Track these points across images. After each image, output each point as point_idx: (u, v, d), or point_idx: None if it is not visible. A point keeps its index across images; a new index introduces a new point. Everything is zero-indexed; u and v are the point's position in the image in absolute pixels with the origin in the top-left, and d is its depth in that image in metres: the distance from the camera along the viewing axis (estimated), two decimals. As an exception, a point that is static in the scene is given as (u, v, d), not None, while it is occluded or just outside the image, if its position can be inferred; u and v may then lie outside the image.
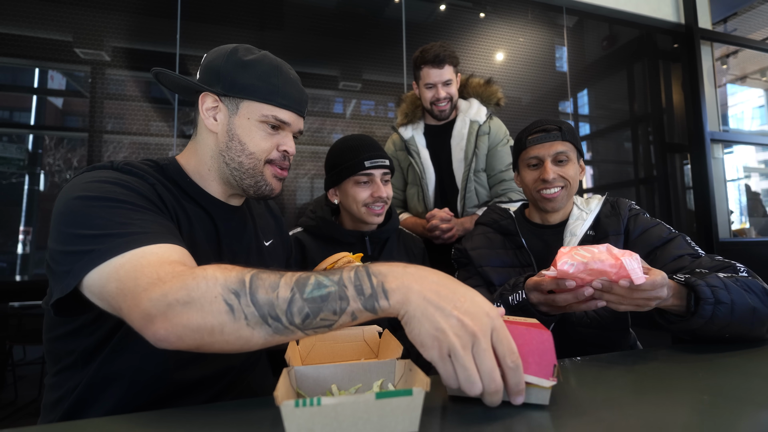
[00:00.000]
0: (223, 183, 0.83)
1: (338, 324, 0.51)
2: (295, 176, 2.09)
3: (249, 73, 0.78)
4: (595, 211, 1.11)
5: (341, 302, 0.49)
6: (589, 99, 2.91)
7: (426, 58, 1.61)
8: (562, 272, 0.72)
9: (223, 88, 0.78)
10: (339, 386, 0.57)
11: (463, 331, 0.46)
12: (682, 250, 0.95)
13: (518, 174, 1.18)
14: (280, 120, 0.80)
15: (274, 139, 0.82)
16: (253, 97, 0.78)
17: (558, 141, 1.08)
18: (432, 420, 0.49)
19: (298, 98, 0.83)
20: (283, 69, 0.82)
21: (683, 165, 3.08)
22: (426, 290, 0.48)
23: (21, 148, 1.76)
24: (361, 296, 0.49)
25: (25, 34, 1.73)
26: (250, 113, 0.79)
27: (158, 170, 0.78)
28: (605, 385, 0.62)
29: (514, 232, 1.14)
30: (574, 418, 0.49)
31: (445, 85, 1.64)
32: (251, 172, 0.81)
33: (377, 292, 0.49)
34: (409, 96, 1.82)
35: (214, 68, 0.79)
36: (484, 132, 1.69)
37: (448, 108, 1.67)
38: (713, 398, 0.55)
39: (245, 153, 0.79)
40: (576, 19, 2.84)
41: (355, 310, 0.50)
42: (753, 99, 3.99)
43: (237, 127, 0.79)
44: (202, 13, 1.99)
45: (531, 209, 1.20)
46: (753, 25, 3.69)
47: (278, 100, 0.80)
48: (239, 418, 0.52)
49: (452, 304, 0.48)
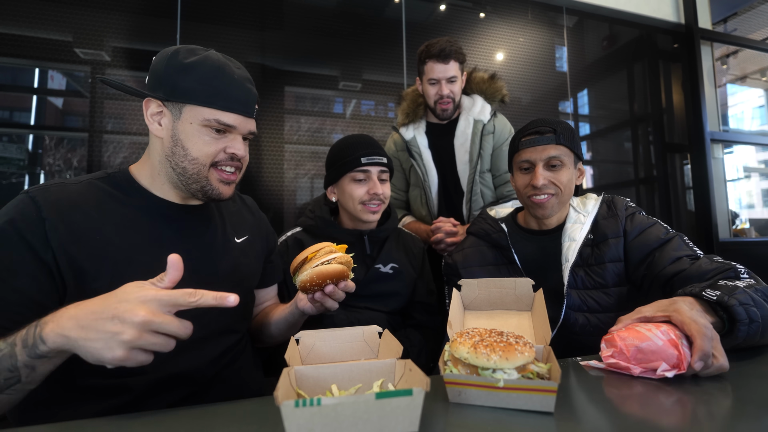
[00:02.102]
0: (174, 187, 0.82)
1: (26, 379, 0.57)
2: (295, 176, 2.09)
3: (190, 76, 0.76)
4: (592, 213, 1.06)
5: (11, 359, 0.56)
6: (589, 99, 2.91)
7: (431, 52, 1.55)
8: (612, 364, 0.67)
9: (164, 93, 0.76)
10: (339, 386, 0.57)
11: (126, 322, 0.52)
12: (680, 252, 0.93)
13: (512, 176, 1.14)
14: (224, 123, 0.78)
15: (219, 143, 0.79)
16: (195, 101, 0.76)
17: (551, 145, 1.02)
18: (432, 420, 0.49)
19: (243, 99, 0.80)
20: (226, 70, 0.78)
21: (683, 165, 3.08)
22: (80, 316, 0.55)
23: (21, 148, 1.76)
24: (26, 348, 0.56)
25: (25, 34, 1.73)
26: (192, 118, 0.77)
27: (104, 181, 0.79)
28: (607, 386, 0.62)
29: (506, 246, 1.10)
30: (576, 425, 0.49)
31: (449, 81, 1.57)
32: (196, 177, 0.79)
33: (36, 341, 0.56)
34: (410, 93, 1.74)
35: (156, 72, 0.77)
36: (489, 131, 1.63)
37: (450, 107, 1.61)
38: (713, 399, 0.55)
39: (188, 158, 0.78)
40: (576, 19, 2.84)
41: (25, 362, 0.56)
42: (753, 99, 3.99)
43: (180, 132, 0.77)
44: (202, 13, 1.99)
45: (526, 213, 1.15)
46: (753, 25, 3.69)
47: (221, 102, 0.77)
48: (239, 417, 0.52)
49: (108, 311, 0.53)
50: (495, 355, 0.53)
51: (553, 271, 1.04)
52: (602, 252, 1.01)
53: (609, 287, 1.00)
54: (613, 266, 1.00)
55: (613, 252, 1.00)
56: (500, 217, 1.18)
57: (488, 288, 0.82)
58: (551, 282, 1.03)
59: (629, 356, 0.64)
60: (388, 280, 1.24)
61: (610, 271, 1.00)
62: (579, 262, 1.02)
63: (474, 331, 0.60)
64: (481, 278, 0.84)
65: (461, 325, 0.78)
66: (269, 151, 2.06)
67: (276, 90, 2.11)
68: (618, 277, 1.00)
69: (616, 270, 1.00)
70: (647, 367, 0.63)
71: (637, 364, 0.63)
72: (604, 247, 1.02)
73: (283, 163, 2.08)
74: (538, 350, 0.62)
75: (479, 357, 0.53)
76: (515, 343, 0.55)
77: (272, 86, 2.10)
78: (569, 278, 1.00)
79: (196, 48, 0.80)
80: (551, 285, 1.01)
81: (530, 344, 0.56)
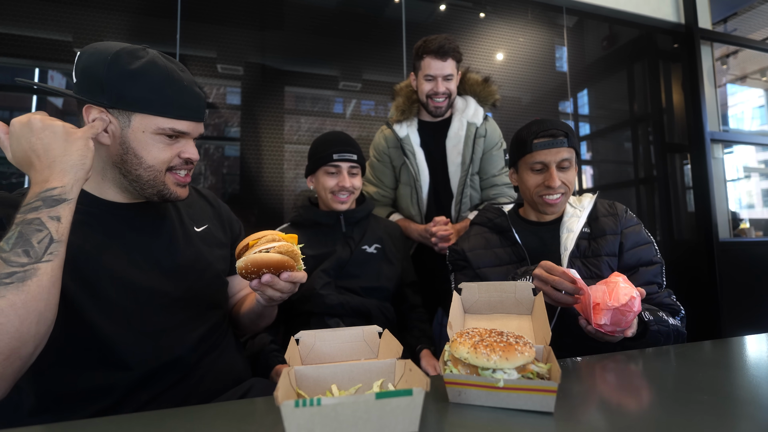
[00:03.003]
0: (122, 190, 0.81)
1: (56, 230, 0.60)
2: (295, 176, 2.09)
3: (138, 84, 0.73)
4: (588, 208, 1.14)
5: (35, 225, 0.60)
6: (589, 99, 2.91)
7: (429, 47, 1.54)
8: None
9: (109, 101, 0.73)
10: (339, 386, 0.57)
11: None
12: (656, 279, 1.05)
13: (517, 174, 1.18)
14: (177, 131, 0.78)
15: (173, 149, 0.79)
16: (147, 111, 0.75)
17: (564, 147, 1.09)
18: (432, 420, 0.49)
19: (195, 105, 0.79)
20: (174, 76, 0.77)
21: (683, 165, 3.08)
22: (49, 163, 0.66)
23: (21, 148, 1.76)
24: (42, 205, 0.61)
25: (25, 34, 1.73)
26: (144, 126, 0.75)
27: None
28: (607, 386, 0.62)
29: (508, 228, 1.17)
30: (576, 425, 0.49)
31: (445, 79, 1.56)
32: (152, 183, 0.79)
33: (43, 196, 0.62)
34: (404, 88, 1.72)
35: (96, 77, 0.73)
36: (481, 135, 1.64)
37: (444, 105, 1.60)
38: (713, 398, 0.55)
39: (143, 166, 0.77)
40: (576, 19, 2.84)
41: (48, 214, 0.60)
42: (753, 99, 3.99)
43: (131, 141, 0.75)
44: (202, 13, 1.99)
45: (526, 208, 1.22)
46: (753, 25, 3.69)
47: (174, 111, 0.76)
48: (239, 417, 0.52)
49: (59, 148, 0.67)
50: (495, 355, 0.53)
51: (553, 259, 1.09)
52: (599, 246, 1.09)
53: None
54: (609, 260, 1.07)
55: (610, 247, 1.08)
56: (502, 207, 1.27)
57: (488, 291, 0.82)
58: None
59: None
60: (374, 260, 1.35)
61: (606, 265, 1.07)
62: (576, 253, 1.09)
63: (474, 331, 0.60)
64: (481, 282, 0.85)
65: (461, 327, 0.78)
66: (269, 151, 2.05)
67: (276, 90, 2.11)
68: (612, 270, 1.07)
69: (612, 264, 1.08)
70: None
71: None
72: (601, 241, 1.09)
73: (283, 163, 2.08)
74: (538, 350, 0.62)
75: (479, 357, 0.53)
76: (515, 343, 0.55)
77: (272, 86, 2.10)
78: (568, 265, 1.07)
79: (135, 49, 0.76)
80: None
81: (530, 344, 0.56)
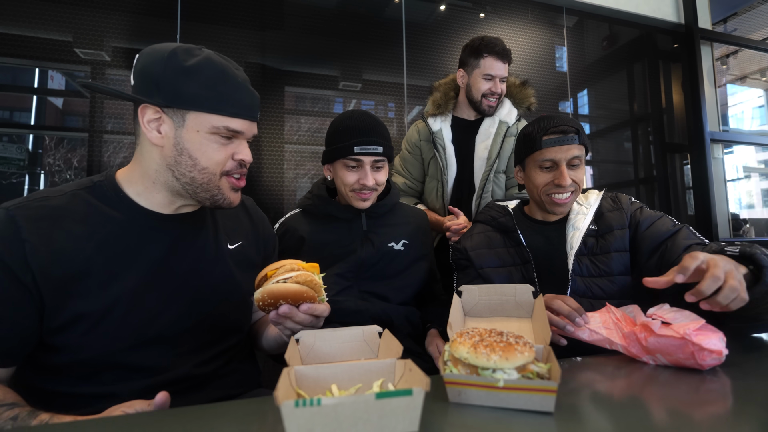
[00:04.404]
0: (173, 195, 0.79)
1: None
2: (295, 176, 2.09)
3: (193, 80, 0.71)
4: (594, 205, 1.10)
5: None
6: (589, 99, 2.91)
7: (493, 48, 1.56)
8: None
9: (164, 99, 0.71)
10: (339, 386, 0.57)
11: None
12: (690, 240, 0.95)
13: (523, 171, 1.15)
14: (232, 130, 0.75)
15: (227, 150, 0.76)
16: (201, 108, 0.72)
17: (575, 144, 1.04)
18: (432, 420, 0.49)
19: (249, 103, 0.77)
20: (229, 72, 0.75)
21: (683, 165, 3.08)
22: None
23: (21, 148, 1.76)
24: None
25: (25, 34, 1.73)
26: (198, 125, 0.73)
27: (90, 191, 0.76)
28: (607, 386, 0.62)
29: (513, 228, 1.13)
30: (576, 425, 0.49)
31: (502, 81, 1.60)
32: (206, 186, 0.76)
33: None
34: (443, 84, 1.74)
35: (152, 76, 0.72)
36: (512, 134, 1.65)
37: (496, 105, 1.63)
38: (714, 399, 0.55)
39: (197, 168, 0.75)
40: (576, 19, 2.84)
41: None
42: (753, 99, 3.99)
43: (186, 141, 0.73)
44: (202, 13, 1.99)
45: (532, 206, 1.18)
46: (753, 25, 3.69)
47: (228, 109, 0.74)
48: (239, 417, 0.52)
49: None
50: (495, 355, 0.52)
51: (558, 258, 1.08)
52: (608, 242, 1.05)
53: (614, 275, 1.03)
54: (618, 256, 1.03)
55: (619, 243, 1.04)
56: (507, 206, 1.22)
57: (488, 294, 0.82)
58: (556, 268, 1.07)
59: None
60: (401, 258, 1.20)
61: (616, 261, 1.02)
62: (584, 251, 1.05)
63: (474, 331, 0.60)
64: (481, 285, 0.84)
65: (461, 329, 0.78)
66: (269, 151, 2.06)
67: (276, 90, 2.11)
68: (624, 266, 1.03)
69: (622, 260, 1.03)
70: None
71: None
72: (609, 237, 1.05)
73: (283, 163, 2.08)
74: (538, 350, 0.62)
75: (479, 357, 0.53)
76: (515, 343, 0.55)
77: (272, 86, 2.10)
78: (574, 265, 1.04)
79: (191, 48, 0.75)
80: (556, 271, 1.06)
81: (530, 344, 0.56)
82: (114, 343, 0.72)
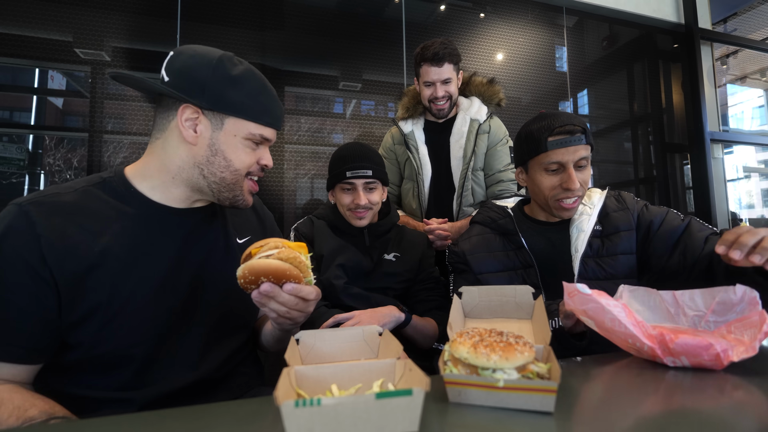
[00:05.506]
0: (192, 191, 0.81)
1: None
2: (295, 176, 2.10)
3: (238, 90, 0.77)
4: (598, 205, 1.05)
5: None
6: (589, 99, 2.91)
7: (425, 55, 1.60)
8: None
9: (208, 102, 0.75)
10: (339, 386, 0.57)
11: None
12: (705, 232, 0.93)
13: (526, 174, 1.09)
14: (264, 137, 0.82)
15: (255, 154, 0.82)
16: (242, 116, 0.78)
17: (582, 145, 0.98)
18: (432, 420, 0.49)
19: (279, 114, 0.85)
20: (267, 85, 0.83)
21: (683, 165, 3.08)
22: None
23: (21, 148, 1.76)
24: None
25: (25, 34, 1.73)
26: (237, 130, 0.78)
27: (100, 187, 0.77)
28: (607, 386, 0.62)
29: (513, 231, 1.08)
30: (576, 425, 0.49)
31: (443, 83, 1.62)
32: (232, 186, 0.81)
33: None
34: (411, 90, 1.81)
35: (198, 79, 0.75)
36: (484, 131, 1.68)
37: (446, 107, 1.67)
38: (714, 399, 0.55)
39: (230, 169, 0.79)
40: (576, 19, 2.84)
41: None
42: (753, 99, 3.99)
43: (221, 143, 0.78)
44: (202, 13, 1.99)
45: (534, 207, 1.13)
46: (753, 25, 3.69)
47: (265, 118, 0.80)
48: (239, 418, 0.52)
49: None
50: (495, 355, 0.52)
51: (563, 262, 1.04)
52: (614, 244, 1.01)
53: (620, 279, 1.00)
54: (625, 258, 1.00)
55: (626, 245, 1.01)
56: (506, 207, 1.18)
57: (488, 296, 0.82)
58: (561, 271, 1.03)
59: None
60: (391, 264, 1.35)
61: (622, 263, 1.00)
62: (589, 253, 1.02)
63: (474, 331, 0.60)
64: (481, 286, 0.84)
65: (461, 328, 0.78)
66: (269, 151, 2.06)
67: (276, 90, 2.11)
68: (629, 269, 1.01)
69: (628, 262, 1.00)
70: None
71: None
72: (615, 239, 1.02)
73: (283, 163, 2.08)
74: (538, 350, 0.62)
75: (479, 357, 0.53)
76: (515, 343, 0.55)
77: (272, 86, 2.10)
78: (580, 268, 1.00)
79: (232, 56, 0.80)
80: (561, 274, 1.01)
81: (530, 344, 0.56)
82: (129, 337, 0.72)
